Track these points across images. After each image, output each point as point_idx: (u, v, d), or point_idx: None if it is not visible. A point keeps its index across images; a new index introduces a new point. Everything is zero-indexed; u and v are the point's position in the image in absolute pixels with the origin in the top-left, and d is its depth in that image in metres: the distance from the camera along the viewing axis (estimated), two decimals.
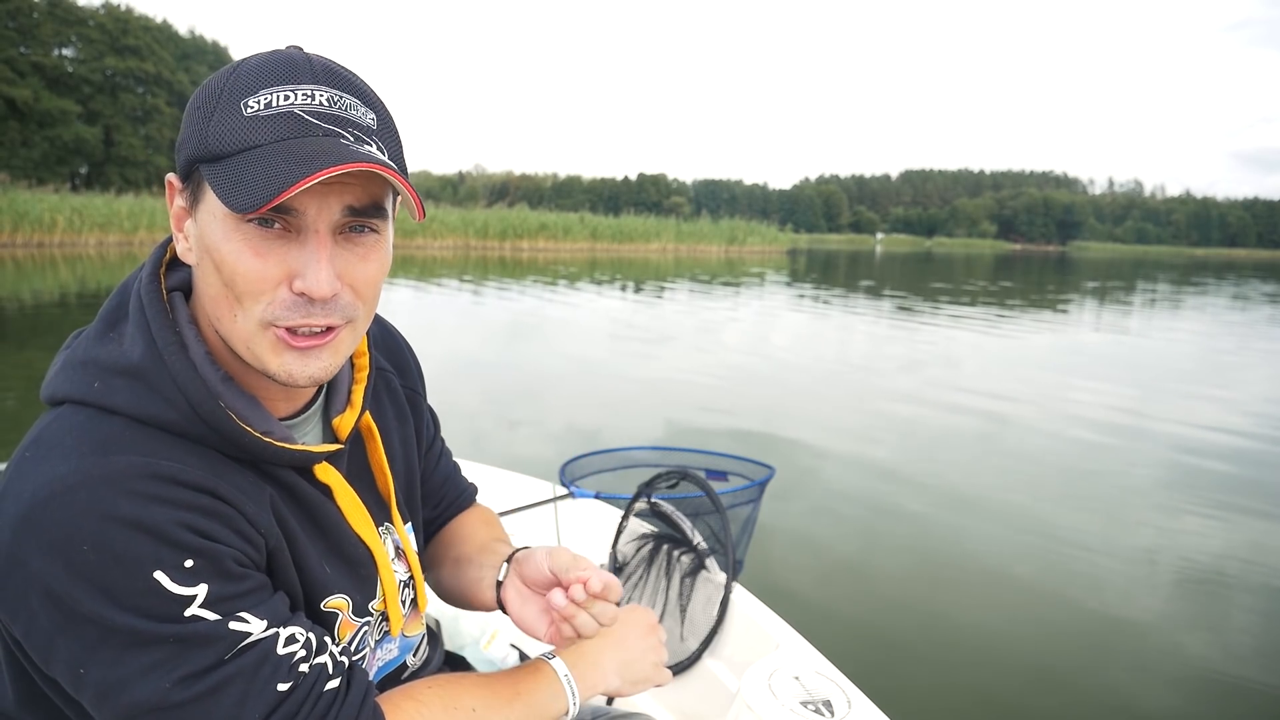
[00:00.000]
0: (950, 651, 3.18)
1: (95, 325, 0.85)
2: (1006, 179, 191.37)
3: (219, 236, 0.76)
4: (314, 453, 0.88)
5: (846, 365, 9.86)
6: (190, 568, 0.73)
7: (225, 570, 0.75)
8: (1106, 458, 6.07)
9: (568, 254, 34.09)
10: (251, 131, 0.74)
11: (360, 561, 0.94)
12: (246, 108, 0.75)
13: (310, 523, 0.89)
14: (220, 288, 0.78)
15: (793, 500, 4.77)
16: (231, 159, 0.74)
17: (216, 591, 0.74)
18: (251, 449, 0.81)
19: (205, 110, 0.76)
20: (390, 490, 1.02)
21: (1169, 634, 3.42)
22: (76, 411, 0.78)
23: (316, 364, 0.81)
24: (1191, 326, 16.25)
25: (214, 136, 0.75)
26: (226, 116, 0.75)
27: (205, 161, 0.75)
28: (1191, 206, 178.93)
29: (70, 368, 0.81)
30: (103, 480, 0.72)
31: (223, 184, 0.73)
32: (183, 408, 0.78)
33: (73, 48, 51.56)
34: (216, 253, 0.77)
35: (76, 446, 0.74)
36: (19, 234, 23.98)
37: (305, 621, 0.82)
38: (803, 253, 52.18)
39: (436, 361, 8.39)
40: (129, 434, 0.76)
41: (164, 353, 0.79)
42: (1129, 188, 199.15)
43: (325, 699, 0.79)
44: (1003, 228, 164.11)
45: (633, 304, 16.13)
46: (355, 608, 0.93)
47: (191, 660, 0.72)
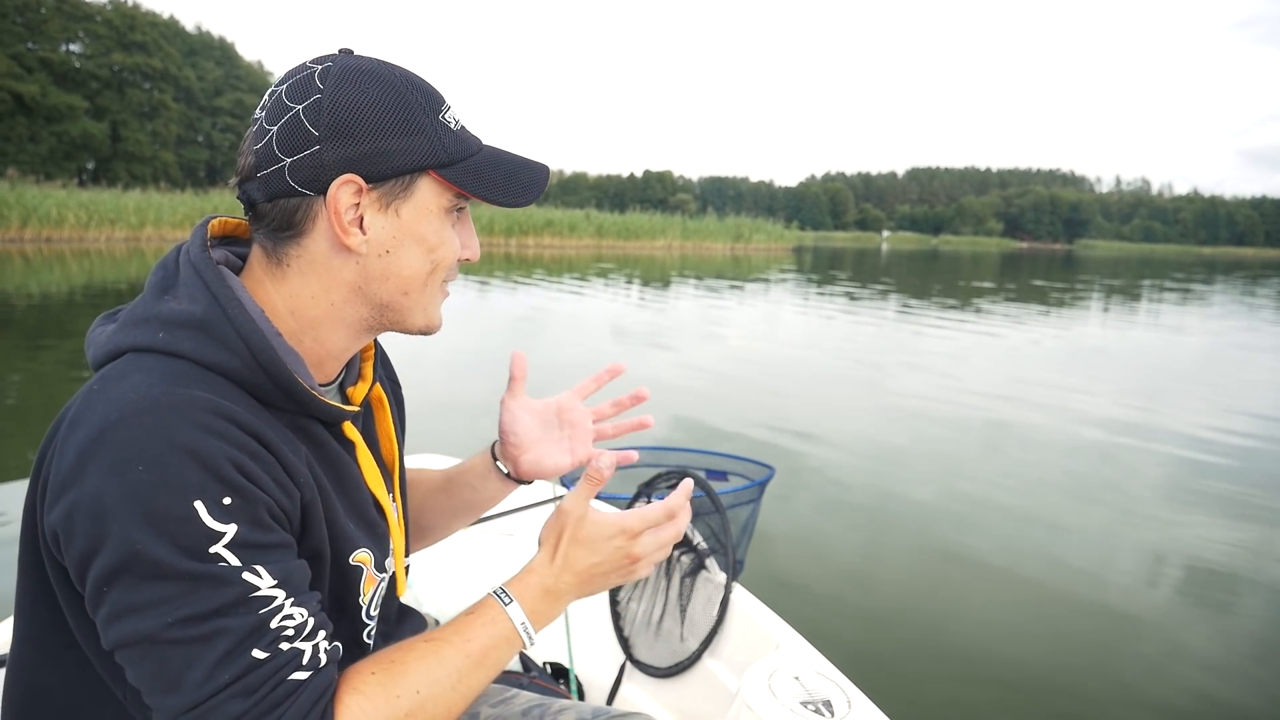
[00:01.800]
0: (951, 651, 3.19)
1: (147, 293, 0.90)
2: (1013, 177, 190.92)
3: (437, 225, 0.93)
4: (345, 409, 0.97)
5: (849, 362, 9.86)
6: (227, 505, 0.77)
7: (257, 517, 0.80)
8: (1114, 457, 6.07)
9: (573, 251, 34.09)
10: (466, 143, 0.93)
11: (375, 521, 1.01)
12: (448, 123, 0.92)
13: (337, 480, 0.96)
14: (425, 265, 0.93)
15: (793, 500, 4.78)
16: (461, 164, 0.92)
17: (244, 536, 0.78)
18: (299, 398, 0.89)
19: (420, 125, 0.90)
20: (395, 459, 1.10)
21: (1175, 634, 3.42)
22: (142, 356, 0.84)
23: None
24: (1202, 325, 16.21)
25: (446, 147, 0.91)
26: (444, 130, 0.91)
27: (441, 166, 0.90)
28: (1199, 205, 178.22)
29: (131, 324, 0.87)
30: (170, 407, 0.77)
31: (475, 184, 0.92)
32: (245, 356, 0.85)
33: (80, 43, 51.59)
34: (436, 237, 0.93)
35: (146, 376, 0.80)
36: (27, 229, 24.03)
37: (312, 605, 0.84)
38: (808, 250, 52.09)
39: (441, 357, 8.40)
40: (194, 373, 0.82)
41: (226, 307, 0.86)
42: (1136, 186, 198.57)
43: (286, 687, 0.80)
44: (1009, 226, 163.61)
45: (637, 300, 16.13)
46: (377, 563, 1.00)
47: (198, 601, 0.76)
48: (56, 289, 13.68)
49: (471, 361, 8.75)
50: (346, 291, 0.92)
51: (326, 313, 0.93)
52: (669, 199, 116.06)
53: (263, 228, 0.90)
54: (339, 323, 0.94)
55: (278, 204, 0.88)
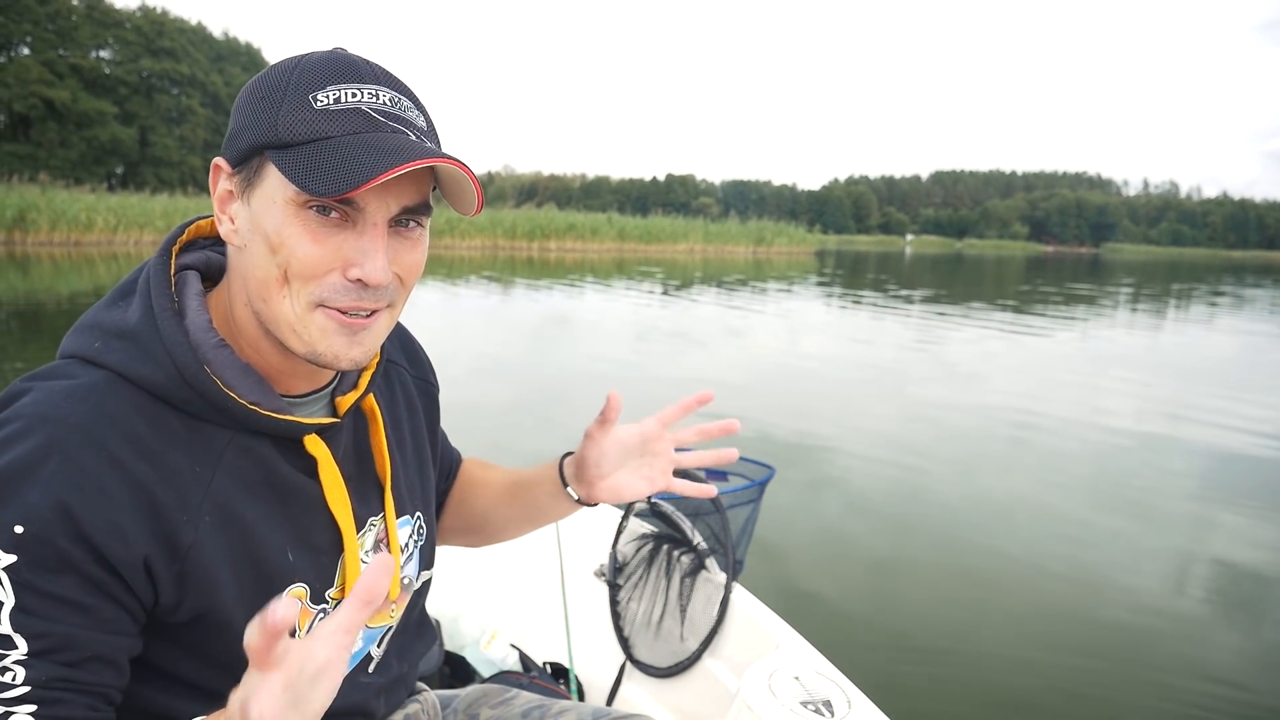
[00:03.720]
0: (953, 651, 3.16)
1: (108, 295, 0.90)
2: (1039, 180, 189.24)
3: (278, 221, 0.80)
4: (301, 423, 0.89)
5: (864, 363, 9.82)
6: (18, 534, 0.72)
7: (44, 560, 0.73)
8: (1134, 460, 6.02)
9: (595, 254, 34.13)
10: (323, 123, 0.79)
11: (323, 549, 0.94)
12: (315, 101, 0.79)
13: (280, 506, 0.89)
14: (272, 269, 0.81)
15: (813, 501, 4.76)
16: (302, 147, 0.78)
17: (19, 571, 0.72)
18: (234, 414, 0.84)
19: (271, 100, 0.80)
20: (386, 476, 1.02)
21: (1202, 641, 3.36)
22: (74, 364, 0.83)
23: (359, 347, 0.85)
24: (1235, 326, 16.00)
25: (284, 125, 0.79)
26: (296, 108, 0.79)
27: (273, 148, 0.79)
28: (1228, 208, 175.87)
29: (79, 331, 0.86)
30: (43, 419, 0.76)
31: (299, 170, 0.77)
32: (169, 369, 0.81)
33: (110, 50, 52.42)
34: (276, 236, 0.80)
35: (50, 388, 0.79)
36: (56, 233, 24.38)
37: (44, 674, 0.74)
38: (831, 254, 51.89)
39: (464, 360, 8.44)
40: (106, 389, 0.80)
41: (158, 318, 0.83)
42: (1164, 189, 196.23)
43: None
44: (1035, 229, 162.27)
45: (659, 303, 16.14)
46: (313, 595, 0.93)
47: None
48: (85, 292, 13.87)
49: (492, 366, 8.77)
50: (242, 294, 0.86)
51: (245, 315, 0.87)
52: (691, 202, 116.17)
53: None
54: (256, 330, 0.87)
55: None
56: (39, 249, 22.91)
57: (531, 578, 2.18)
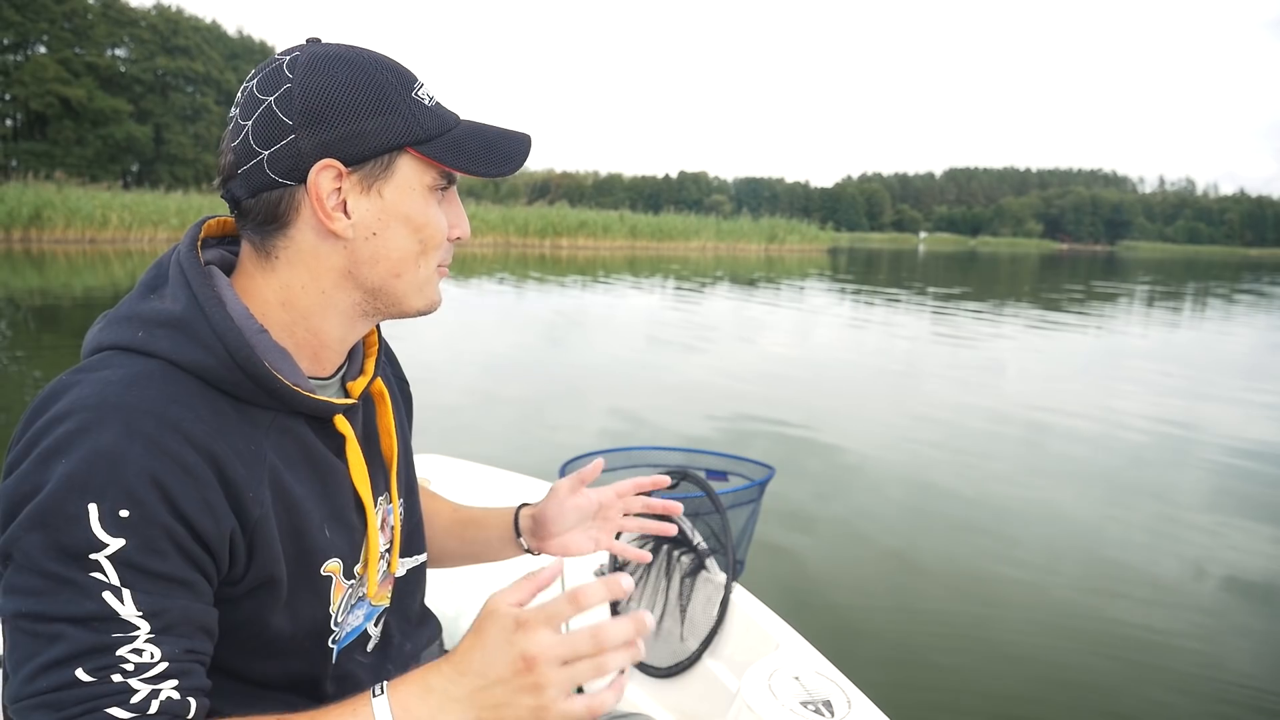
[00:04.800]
0: (964, 652, 3.15)
1: (135, 291, 0.91)
2: (1053, 177, 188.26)
3: (419, 204, 0.92)
4: (334, 403, 0.95)
5: (869, 363, 9.79)
6: (123, 518, 0.75)
7: (152, 540, 0.76)
8: (1158, 460, 5.98)
9: (607, 252, 34.16)
10: (442, 118, 0.92)
11: (353, 525, 0.99)
12: (422, 100, 0.91)
13: (320, 483, 0.95)
14: (414, 245, 0.93)
15: (805, 497, 4.75)
16: (440, 140, 0.91)
17: (129, 555, 0.75)
18: (280, 395, 0.88)
19: (393, 103, 0.89)
20: (393, 457, 1.08)
21: (1216, 645, 3.33)
22: (118, 354, 0.84)
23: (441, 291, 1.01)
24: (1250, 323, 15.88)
25: (421, 123, 0.90)
26: (418, 107, 0.90)
27: (418, 143, 0.90)
28: (1246, 205, 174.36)
29: (114, 322, 0.87)
30: (113, 407, 0.77)
31: (459, 158, 0.91)
32: (220, 354, 0.84)
33: (125, 48, 52.76)
34: (421, 216, 0.92)
35: (108, 377, 0.80)
36: (71, 230, 24.57)
37: (177, 650, 0.78)
38: (844, 252, 51.78)
39: (476, 360, 8.46)
40: (161, 375, 0.82)
41: (204, 305, 0.85)
42: (1180, 186, 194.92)
43: (95, 718, 0.75)
44: (1049, 227, 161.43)
45: (671, 300, 16.14)
46: (346, 570, 0.98)
47: (54, 604, 0.74)
48: (100, 288, 13.97)
49: (504, 365, 8.79)
50: (336, 278, 0.92)
51: (318, 301, 0.93)
52: (704, 200, 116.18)
53: (249, 224, 0.90)
54: (332, 311, 0.94)
55: (261, 198, 0.88)
56: (54, 246, 23.09)
57: None
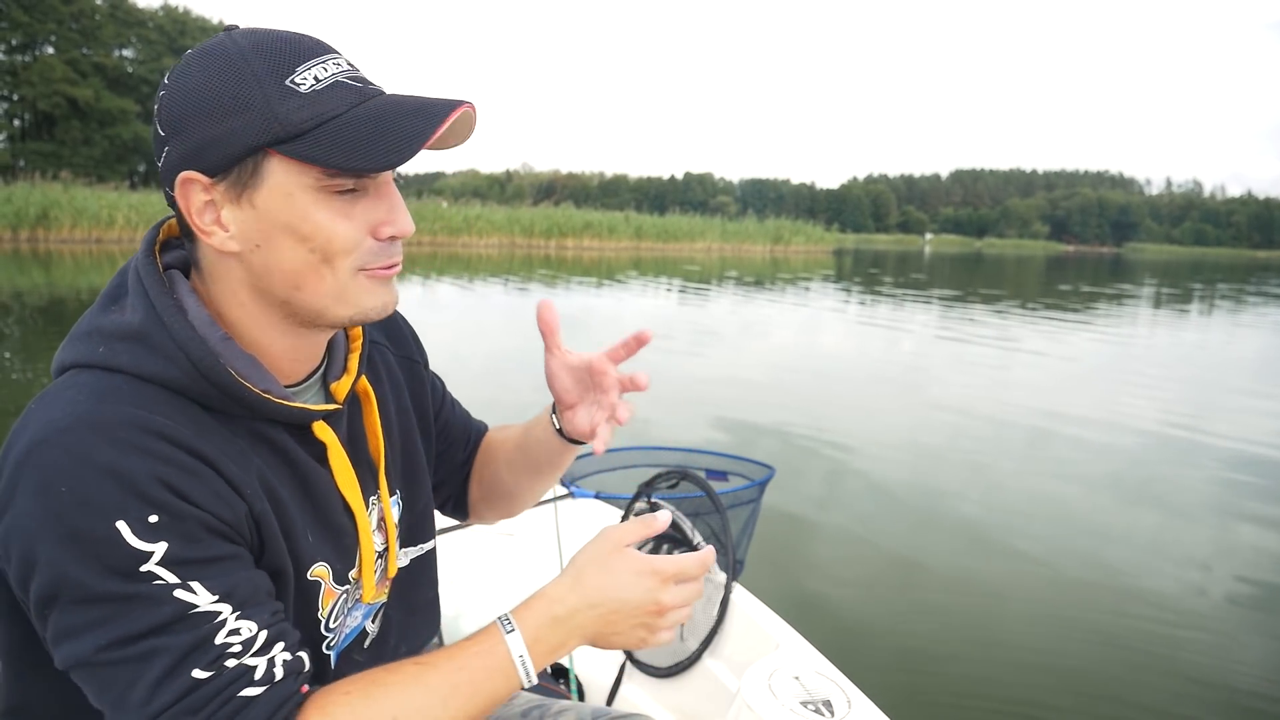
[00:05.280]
0: (969, 653, 3.15)
1: (97, 302, 0.89)
2: (1060, 179, 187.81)
3: (304, 209, 0.81)
4: (311, 410, 0.91)
5: (874, 363, 9.78)
6: (155, 523, 0.74)
7: (189, 533, 0.76)
8: (1164, 462, 5.95)
9: (612, 253, 34.17)
10: (321, 105, 0.79)
11: (343, 530, 0.96)
12: (299, 86, 0.79)
13: (300, 489, 0.91)
14: (305, 256, 0.82)
15: (795, 499, 4.74)
16: (312, 133, 0.78)
17: (175, 552, 0.75)
18: (251, 404, 0.84)
19: (250, 98, 0.78)
20: (380, 456, 1.04)
21: (1221, 647, 3.31)
22: (81, 373, 0.82)
23: (393, 292, 0.90)
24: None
25: (285, 117, 0.78)
26: (286, 97, 0.78)
27: (281, 142, 0.78)
28: (1253, 207, 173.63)
29: (75, 339, 0.85)
30: (91, 426, 0.75)
31: (328, 153, 0.78)
32: (183, 364, 0.81)
33: (132, 49, 52.94)
34: (305, 224, 0.81)
35: (75, 397, 0.78)
36: (77, 230, 24.65)
37: (265, 616, 0.80)
38: (849, 253, 51.74)
39: (478, 360, 8.47)
40: (129, 388, 0.79)
41: (163, 315, 0.82)
42: (1187, 188, 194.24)
43: (234, 704, 0.76)
44: (1055, 229, 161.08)
45: (676, 301, 16.14)
46: (335, 575, 0.95)
47: (130, 623, 0.74)
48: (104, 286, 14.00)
49: (505, 365, 8.79)
50: (248, 292, 0.87)
51: (243, 314, 0.88)
52: (709, 201, 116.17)
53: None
54: (260, 323, 0.88)
55: (174, 209, 0.86)
56: (61, 246, 23.18)
57: (531, 577, 2.17)
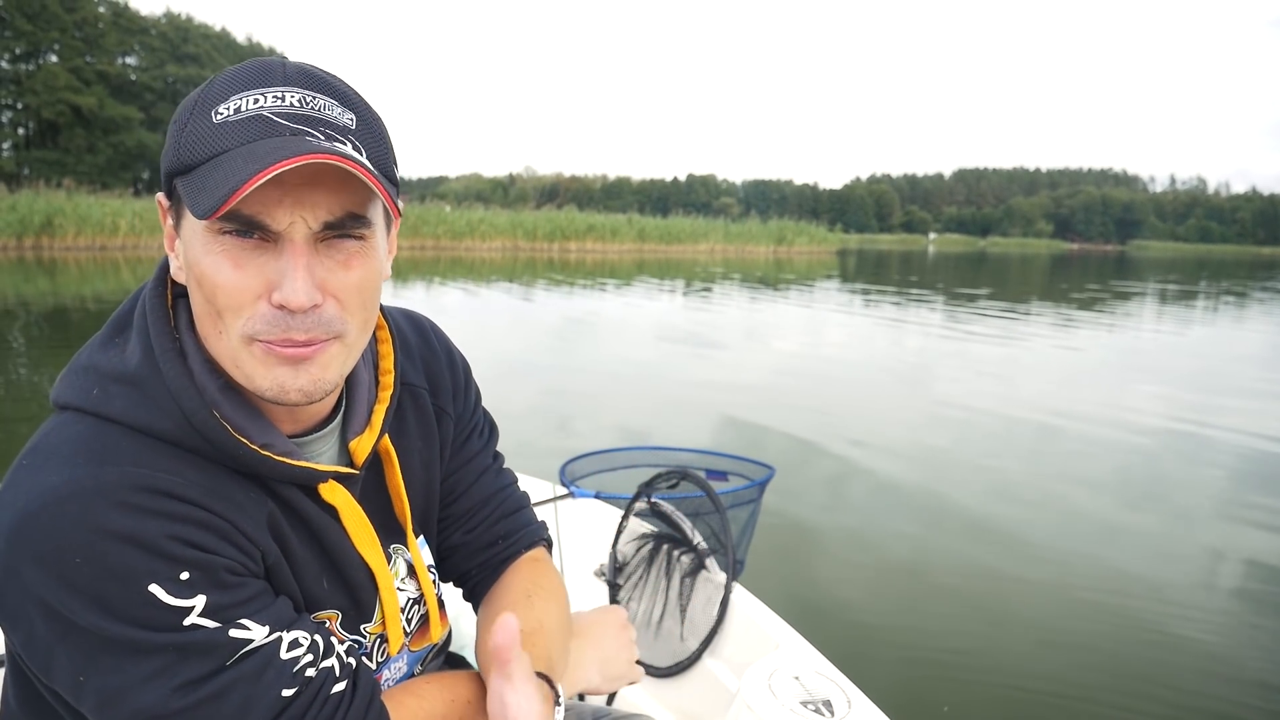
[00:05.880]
0: (973, 653, 3.13)
1: (102, 331, 0.85)
2: (1063, 177, 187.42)
3: (199, 250, 0.75)
4: (317, 470, 0.85)
5: (878, 364, 9.77)
6: (187, 580, 0.72)
7: (222, 581, 0.74)
8: (1171, 460, 5.94)
9: (615, 255, 34.16)
10: (219, 138, 0.73)
11: (360, 585, 0.92)
12: (216, 115, 0.74)
13: (312, 541, 0.87)
14: (204, 304, 0.76)
15: (795, 499, 4.72)
16: (200, 168, 0.73)
17: (215, 601, 0.73)
18: (248, 462, 0.79)
19: (180, 123, 0.76)
20: (406, 515, 0.99)
21: (1226, 647, 3.29)
22: (76, 420, 0.77)
23: (306, 375, 0.78)
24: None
25: (185, 147, 0.74)
26: (197, 126, 0.74)
27: (180, 174, 0.75)
28: (1258, 204, 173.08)
29: (74, 373, 0.81)
30: (94, 492, 0.71)
31: (190, 193, 0.72)
32: (176, 417, 0.76)
33: (136, 56, 53.20)
34: (197, 267, 0.75)
35: (71, 457, 0.73)
36: (81, 237, 24.72)
37: (309, 624, 0.81)
38: (852, 253, 51.67)
39: (482, 361, 8.46)
40: (125, 443, 0.75)
41: (160, 360, 0.78)
42: (1192, 185, 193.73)
43: (331, 702, 0.78)
44: (1059, 227, 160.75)
45: (681, 304, 16.13)
46: (344, 622, 0.92)
47: (191, 667, 0.72)
48: (110, 291, 14.05)
49: (507, 366, 8.78)
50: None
51: (217, 355, 0.81)
52: (713, 202, 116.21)
53: None
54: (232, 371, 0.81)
55: None
56: (65, 254, 23.24)
57: None
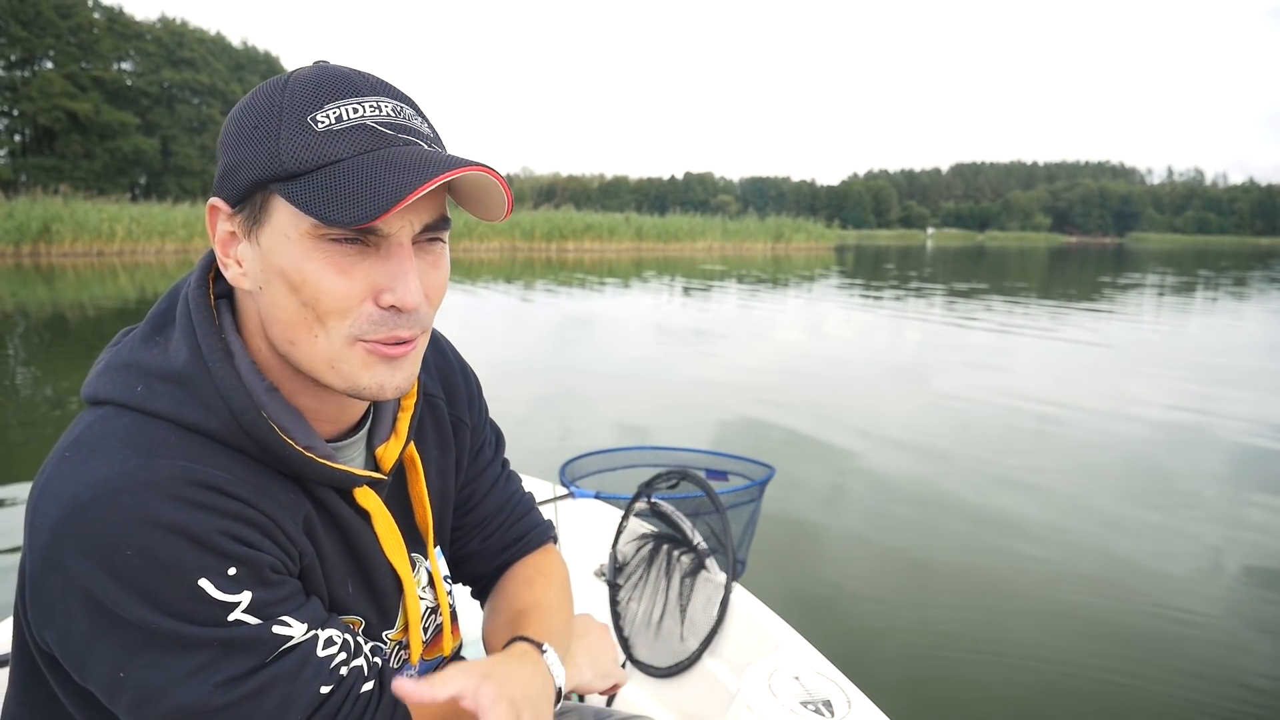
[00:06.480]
0: (975, 650, 3.13)
1: (143, 328, 0.85)
2: (1061, 170, 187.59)
3: (297, 257, 0.75)
4: (356, 475, 0.87)
5: (877, 360, 9.77)
6: (234, 575, 0.73)
7: (266, 578, 0.76)
8: (1172, 453, 5.94)
9: (613, 254, 34.13)
10: (329, 146, 0.73)
11: (386, 591, 0.94)
12: (317, 123, 0.74)
13: (344, 545, 0.89)
14: (298, 309, 0.77)
15: (795, 499, 4.72)
16: (311, 175, 0.73)
17: (260, 598, 0.74)
18: (292, 463, 0.81)
19: (265, 129, 0.75)
20: (428, 522, 1.01)
21: (1232, 646, 3.28)
22: (120, 414, 0.78)
23: (402, 373, 0.81)
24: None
25: (288, 154, 0.73)
26: (296, 133, 0.74)
27: (279, 180, 0.74)
28: (1255, 195, 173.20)
29: (114, 369, 0.81)
30: (147, 484, 0.71)
31: (314, 200, 0.72)
32: (224, 416, 0.77)
33: (131, 61, 53.12)
34: (297, 274, 0.75)
35: (120, 448, 0.74)
36: (79, 243, 24.67)
37: (340, 623, 0.83)
38: (850, 249, 51.67)
39: (481, 362, 8.45)
40: (173, 439, 0.76)
41: (208, 360, 0.79)
42: (1189, 176, 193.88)
43: (362, 701, 0.80)
44: (1057, 220, 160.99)
45: (679, 301, 16.13)
46: (368, 629, 0.93)
47: (233, 664, 0.73)
48: (107, 298, 14.04)
49: (508, 366, 8.78)
50: (263, 338, 0.82)
51: (266, 361, 0.83)
52: (710, 200, 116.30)
53: None
54: (283, 373, 0.83)
55: None
56: (63, 260, 23.20)
57: None
